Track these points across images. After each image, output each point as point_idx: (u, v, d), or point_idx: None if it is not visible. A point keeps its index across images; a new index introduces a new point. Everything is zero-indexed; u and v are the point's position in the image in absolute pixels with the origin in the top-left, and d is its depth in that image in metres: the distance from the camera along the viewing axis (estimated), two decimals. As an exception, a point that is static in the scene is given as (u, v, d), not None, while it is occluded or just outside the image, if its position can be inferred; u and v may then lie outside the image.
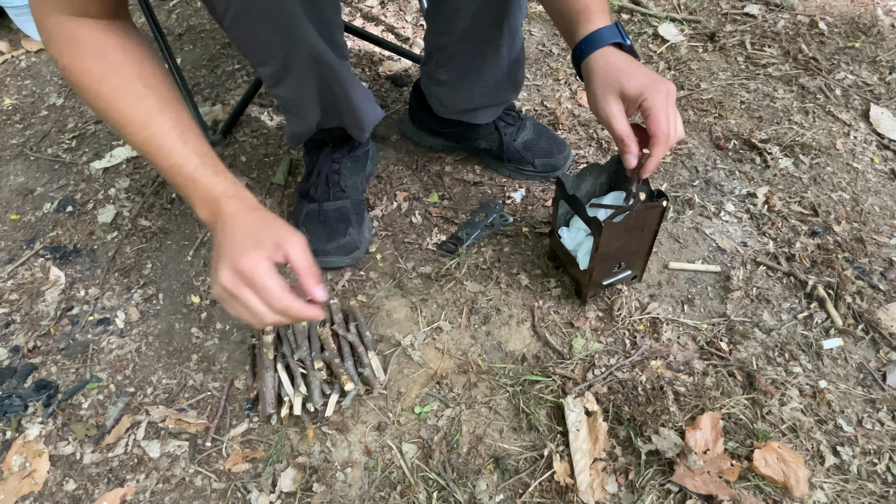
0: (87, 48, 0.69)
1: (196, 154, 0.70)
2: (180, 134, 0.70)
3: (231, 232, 0.68)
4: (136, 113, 0.69)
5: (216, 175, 0.70)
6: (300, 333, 0.96)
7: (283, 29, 0.77)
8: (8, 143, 1.40)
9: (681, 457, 0.82)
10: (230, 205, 0.69)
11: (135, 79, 0.70)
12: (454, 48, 1.03)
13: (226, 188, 0.70)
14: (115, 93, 0.69)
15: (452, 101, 1.13)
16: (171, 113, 0.71)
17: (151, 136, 0.69)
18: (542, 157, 1.20)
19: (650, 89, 0.76)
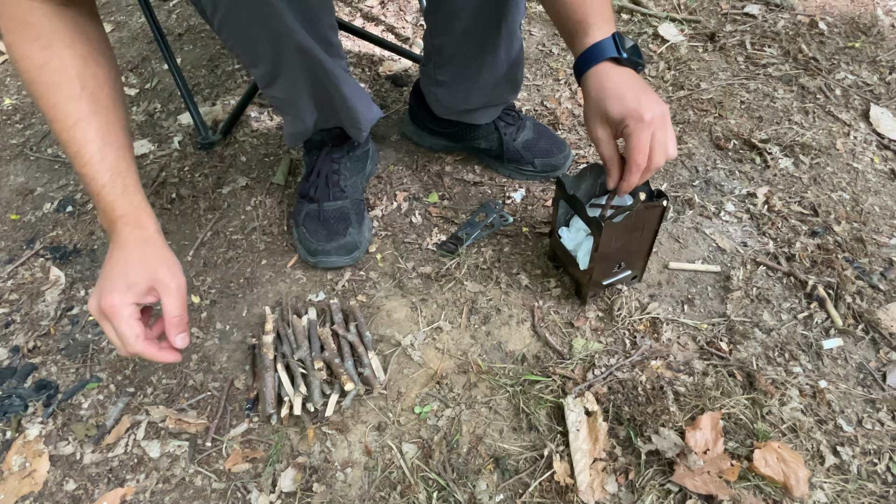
0: (35, 34, 0.69)
1: (109, 170, 0.72)
2: (101, 146, 0.71)
3: (113, 261, 0.72)
4: (65, 113, 0.70)
5: (122, 196, 0.72)
6: (300, 333, 0.96)
7: (270, 28, 0.77)
8: (8, 143, 1.40)
9: (681, 457, 0.82)
10: (125, 231, 0.72)
11: (73, 78, 0.71)
12: (453, 49, 1.03)
13: (126, 212, 0.72)
14: (50, 87, 0.70)
15: (451, 102, 1.13)
16: (98, 122, 0.72)
17: (72, 139, 0.71)
18: (542, 157, 1.20)
19: (630, 117, 0.77)
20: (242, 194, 1.25)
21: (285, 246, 1.15)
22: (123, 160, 0.73)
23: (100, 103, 0.72)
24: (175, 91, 1.50)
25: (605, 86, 0.79)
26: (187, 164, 1.32)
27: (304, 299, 1.06)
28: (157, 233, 0.76)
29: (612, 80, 0.78)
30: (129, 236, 0.73)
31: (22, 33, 0.69)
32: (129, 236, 0.73)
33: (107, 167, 0.71)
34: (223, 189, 1.26)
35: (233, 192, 1.25)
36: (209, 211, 1.22)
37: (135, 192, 0.74)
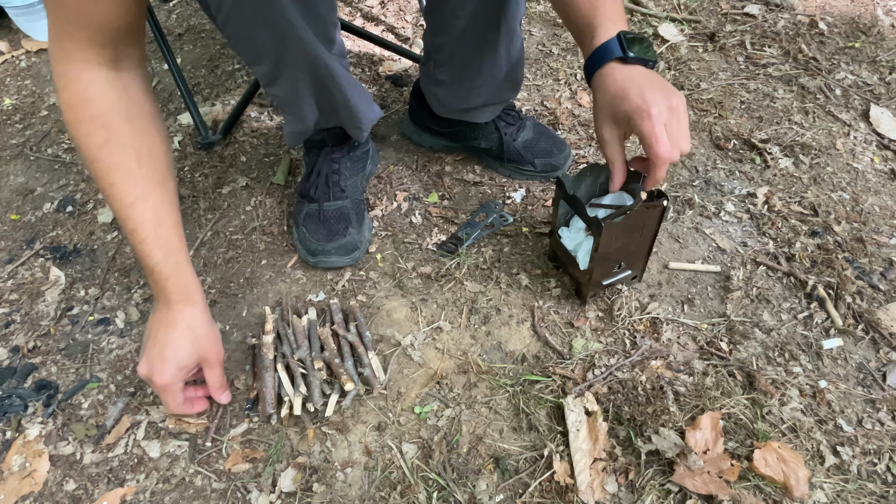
0: (95, 112, 0.73)
1: (163, 248, 0.79)
2: (156, 225, 0.78)
3: (165, 336, 0.81)
4: (124, 192, 0.76)
5: (174, 274, 0.80)
6: (300, 334, 0.96)
7: (274, 26, 0.77)
8: (8, 143, 1.40)
9: (681, 457, 0.82)
10: (177, 307, 0.81)
11: (132, 158, 0.76)
12: (452, 48, 1.03)
13: (178, 289, 0.81)
14: (110, 165, 0.75)
15: (451, 101, 1.13)
16: (154, 201, 0.78)
17: (129, 217, 0.77)
18: (543, 157, 1.20)
19: (637, 115, 0.75)
20: (242, 194, 1.25)
21: (285, 246, 1.15)
22: (176, 237, 0.80)
23: (155, 181, 0.78)
24: (175, 91, 1.50)
25: (612, 88, 0.78)
26: (187, 164, 1.32)
27: (304, 299, 1.06)
28: (205, 307, 0.85)
29: (616, 81, 0.78)
30: (181, 314, 0.81)
31: (82, 111, 0.73)
32: (181, 314, 0.81)
33: (161, 245, 0.78)
34: (223, 189, 1.26)
35: (233, 192, 1.25)
36: (209, 211, 1.22)
37: (186, 269, 0.82)
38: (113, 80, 0.74)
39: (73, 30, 0.70)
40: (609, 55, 0.78)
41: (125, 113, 0.75)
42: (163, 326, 0.82)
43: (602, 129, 0.81)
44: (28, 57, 1.65)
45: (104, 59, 0.73)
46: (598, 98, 0.80)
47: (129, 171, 0.76)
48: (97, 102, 0.73)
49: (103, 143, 0.74)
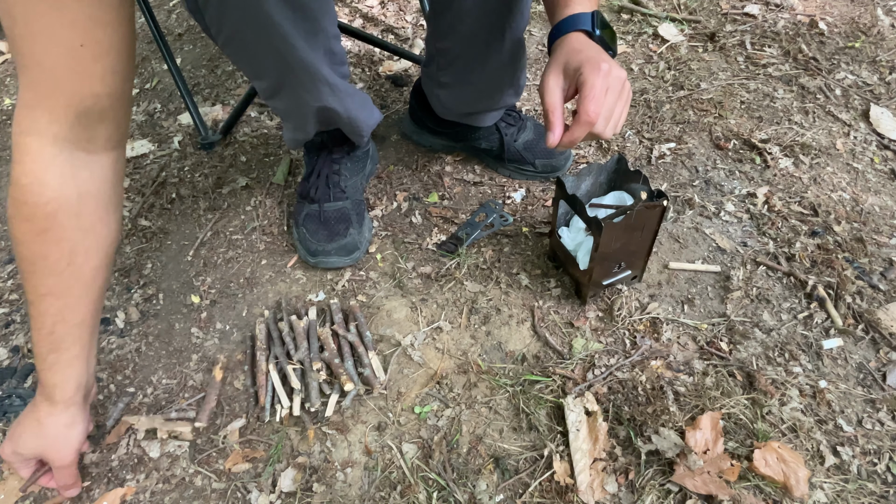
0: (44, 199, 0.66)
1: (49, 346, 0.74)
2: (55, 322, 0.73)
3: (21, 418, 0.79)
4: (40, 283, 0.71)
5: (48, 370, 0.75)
6: (300, 334, 0.96)
7: (276, 49, 0.77)
8: (8, 143, 1.40)
9: (681, 457, 0.82)
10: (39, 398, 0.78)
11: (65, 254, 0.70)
12: (456, 52, 1.03)
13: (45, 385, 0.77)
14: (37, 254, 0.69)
15: (454, 104, 1.13)
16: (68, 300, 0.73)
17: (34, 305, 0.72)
18: (543, 158, 1.20)
19: (589, 64, 0.72)
20: (242, 194, 1.25)
21: (285, 246, 1.15)
22: (70, 336, 0.75)
23: (79, 279, 0.73)
24: (175, 91, 1.50)
25: (571, 45, 0.76)
26: (187, 164, 1.32)
27: (304, 299, 1.06)
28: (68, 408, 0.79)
29: (579, 43, 0.76)
30: (39, 406, 0.78)
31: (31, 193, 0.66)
32: (39, 406, 0.78)
33: (50, 342, 0.74)
34: (223, 189, 1.26)
35: (233, 192, 1.25)
36: (209, 211, 1.22)
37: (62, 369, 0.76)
38: (75, 164, 0.67)
39: (47, 100, 0.63)
40: (577, 25, 0.77)
41: (76, 204, 0.69)
42: (27, 409, 0.80)
43: (547, 77, 0.76)
44: (28, 57, 1.65)
45: (74, 136, 0.66)
46: (555, 54, 0.77)
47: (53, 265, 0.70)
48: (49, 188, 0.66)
49: (39, 232, 0.68)
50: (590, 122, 0.72)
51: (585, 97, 0.71)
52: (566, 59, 0.75)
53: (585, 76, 0.72)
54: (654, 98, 1.40)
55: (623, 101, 0.74)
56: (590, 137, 0.75)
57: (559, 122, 0.75)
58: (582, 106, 0.72)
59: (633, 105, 1.39)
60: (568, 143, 0.75)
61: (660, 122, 1.34)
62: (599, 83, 0.71)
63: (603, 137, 0.75)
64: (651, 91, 1.42)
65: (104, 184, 0.72)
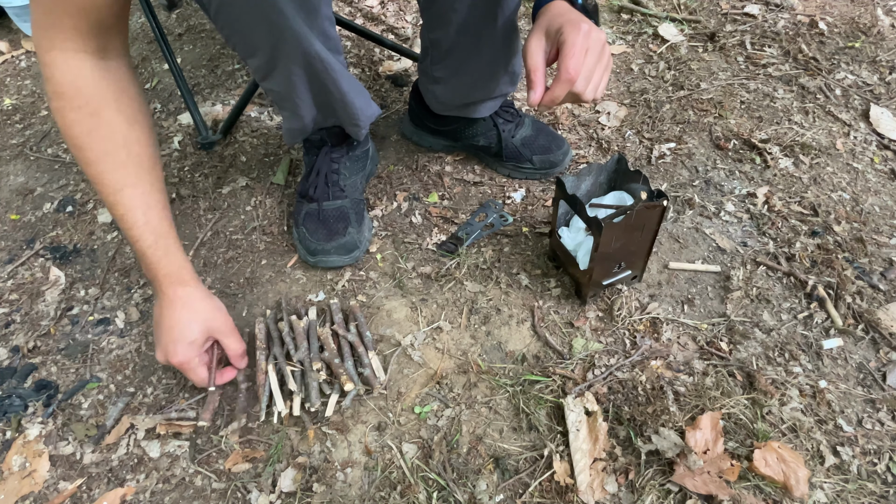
0: (84, 99, 0.73)
1: (152, 233, 0.80)
2: (145, 210, 0.78)
3: (169, 320, 0.83)
4: (112, 179, 0.77)
5: (165, 257, 0.81)
6: (300, 335, 0.96)
7: (266, 17, 0.76)
8: (8, 143, 1.40)
9: (681, 457, 0.82)
10: (170, 291, 0.82)
11: (121, 145, 0.76)
12: (449, 43, 1.03)
13: (170, 271, 0.82)
14: (98, 153, 0.75)
15: (450, 98, 1.13)
16: (143, 187, 0.79)
17: (118, 203, 0.77)
18: (541, 154, 1.20)
19: (570, 25, 0.73)
20: (242, 194, 1.25)
21: (285, 246, 1.15)
22: (165, 220, 0.81)
23: (143, 167, 0.78)
24: (175, 91, 1.50)
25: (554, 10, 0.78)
26: (187, 164, 1.32)
27: (304, 299, 1.06)
28: (199, 284, 0.86)
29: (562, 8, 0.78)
30: (175, 295, 0.82)
31: (71, 99, 0.73)
32: (175, 295, 0.82)
33: (150, 230, 0.79)
34: (223, 189, 1.26)
35: (233, 192, 1.25)
36: (209, 211, 1.22)
37: (176, 252, 0.82)
38: (101, 69, 0.74)
39: (58, 18, 0.69)
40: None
41: (114, 101, 0.75)
42: (164, 311, 0.83)
43: (530, 40, 0.77)
44: (28, 57, 1.65)
45: (90, 47, 0.72)
46: (538, 20, 0.79)
47: (117, 158, 0.76)
48: (85, 90, 0.73)
49: (91, 130, 0.74)
50: (570, 79, 0.73)
51: (565, 55, 0.73)
52: (548, 22, 0.77)
53: (566, 36, 0.73)
54: (654, 98, 1.40)
55: (603, 64, 0.76)
56: (571, 98, 0.76)
57: (540, 82, 0.76)
58: (562, 64, 0.73)
59: (633, 105, 1.39)
60: (549, 101, 0.76)
61: (660, 122, 1.34)
62: (580, 42, 0.73)
63: (584, 98, 0.76)
64: (651, 91, 1.42)
65: (130, 84, 0.78)
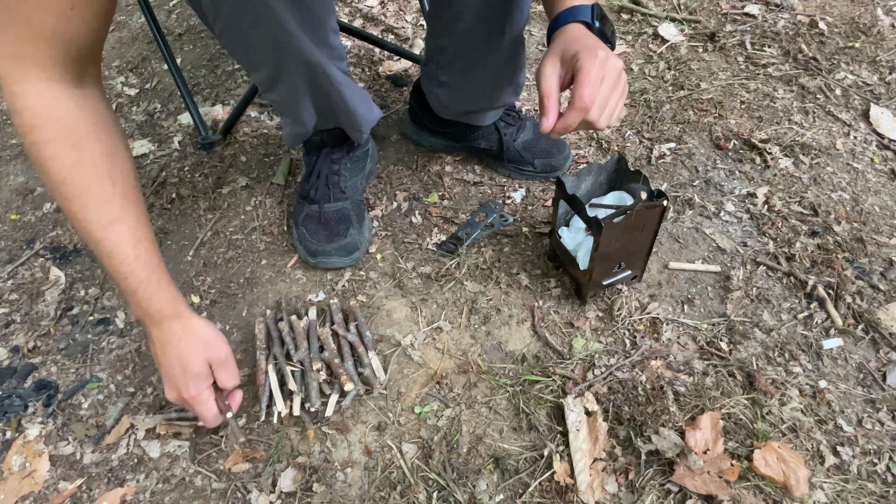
0: (64, 132, 0.68)
1: (144, 268, 0.75)
2: (135, 245, 0.74)
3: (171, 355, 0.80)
4: (98, 214, 0.72)
5: (158, 293, 0.77)
6: (300, 334, 0.96)
7: (272, 36, 0.77)
8: (8, 143, 1.40)
9: (681, 457, 0.82)
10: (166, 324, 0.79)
11: (105, 177, 0.72)
12: (456, 50, 1.03)
13: (162, 307, 0.78)
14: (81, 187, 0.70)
15: (454, 103, 1.13)
16: (130, 221, 0.74)
17: (105, 240, 0.73)
18: (542, 158, 1.20)
19: (586, 52, 0.71)
20: (242, 194, 1.25)
21: (285, 246, 1.15)
22: (155, 255, 0.77)
23: (128, 199, 0.75)
24: (175, 91, 1.50)
25: (570, 34, 0.76)
26: (187, 164, 1.32)
27: (304, 299, 1.06)
28: (193, 315, 0.82)
29: (578, 32, 0.76)
30: (171, 329, 0.79)
31: (48, 131, 0.67)
32: (171, 329, 0.79)
33: (142, 265, 0.75)
34: (223, 189, 1.26)
35: (233, 192, 1.25)
36: (209, 211, 1.22)
37: (168, 285, 0.79)
38: (78, 98, 0.69)
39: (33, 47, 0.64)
40: (577, 16, 0.78)
41: (94, 132, 0.71)
42: (164, 348, 0.80)
43: (544, 64, 0.76)
44: (28, 57, 1.65)
45: (66, 77, 0.68)
46: (553, 44, 0.78)
47: (103, 191, 0.71)
48: (64, 122, 0.68)
49: (74, 164, 0.69)
50: (584, 107, 0.71)
51: (581, 83, 0.71)
52: (564, 47, 0.75)
53: (582, 62, 0.71)
54: (654, 98, 1.40)
55: (619, 92, 0.74)
56: (584, 126, 0.75)
57: (554, 108, 0.75)
58: (577, 91, 0.71)
59: (633, 105, 1.39)
60: (562, 129, 0.74)
61: (660, 122, 1.34)
62: (596, 70, 0.70)
63: (597, 127, 0.74)
64: (651, 91, 1.42)
65: (106, 112, 0.74)
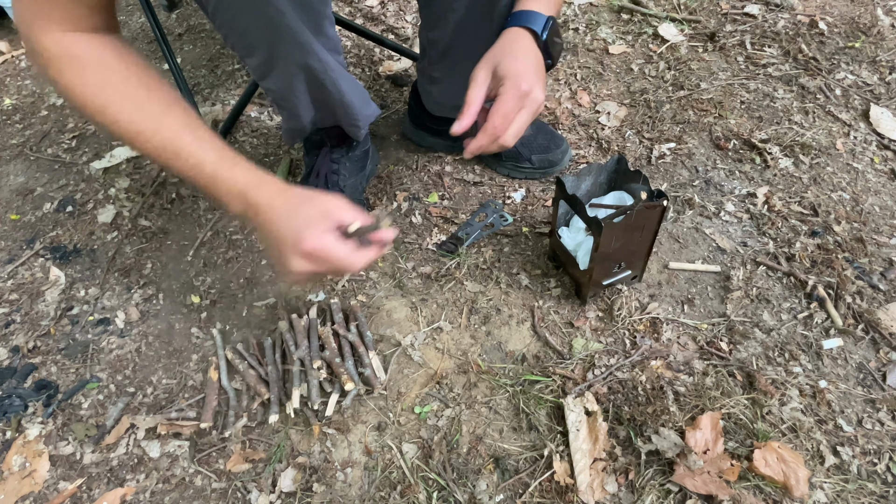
0: (86, 61, 0.68)
1: (212, 149, 0.70)
2: (192, 133, 0.69)
3: (276, 221, 0.69)
4: (145, 119, 0.69)
5: (235, 167, 0.70)
6: (300, 333, 0.96)
7: (264, 15, 0.76)
8: (8, 143, 1.40)
9: (681, 457, 0.82)
10: (259, 194, 0.70)
11: (137, 85, 0.70)
12: (447, 43, 1.03)
13: (248, 179, 0.70)
14: (120, 101, 0.68)
15: (447, 99, 1.13)
16: (178, 114, 0.70)
17: (165, 140, 0.69)
18: (540, 153, 1.20)
19: (513, 79, 0.76)
20: (242, 194, 1.24)
21: (285, 246, 1.15)
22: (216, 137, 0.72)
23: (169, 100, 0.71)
24: (175, 91, 1.50)
25: (512, 44, 0.79)
26: (187, 164, 1.32)
27: (304, 299, 1.06)
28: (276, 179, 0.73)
29: (522, 47, 0.79)
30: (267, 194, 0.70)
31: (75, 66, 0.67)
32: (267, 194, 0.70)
33: (209, 147, 0.70)
34: (223, 189, 1.26)
35: (233, 192, 1.25)
36: (209, 211, 1.22)
37: (243, 161, 0.72)
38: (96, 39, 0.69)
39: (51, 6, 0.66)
40: (529, 23, 0.80)
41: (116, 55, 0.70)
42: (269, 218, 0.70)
43: (477, 70, 0.79)
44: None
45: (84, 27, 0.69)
46: (495, 47, 0.80)
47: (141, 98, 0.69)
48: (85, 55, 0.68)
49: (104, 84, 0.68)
50: (494, 136, 0.77)
51: (495, 111, 0.76)
52: (500, 59, 0.78)
53: (506, 89, 0.76)
54: (654, 98, 1.40)
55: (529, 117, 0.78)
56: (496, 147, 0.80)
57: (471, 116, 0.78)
58: (491, 120, 0.76)
59: (633, 105, 1.39)
60: (475, 149, 0.79)
61: (660, 122, 1.34)
62: (515, 103, 0.76)
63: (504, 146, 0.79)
64: (651, 91, 1.42)
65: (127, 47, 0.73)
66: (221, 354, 0.98)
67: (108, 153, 1.35)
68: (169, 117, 0.69)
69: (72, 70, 0.68)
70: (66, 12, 0.66)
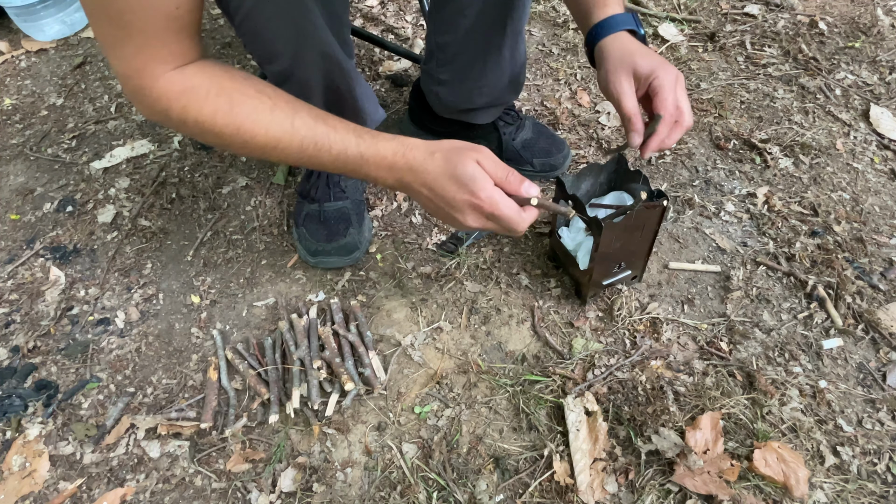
0: (205, 90, 0.68)
1: (349, 133, 0.70)
2: (325, 123, 0.70)
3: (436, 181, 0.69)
4: (279, 126, 0.69)
5: (377, 142, 0.70)
6: (300, 333, 0.96)
7: (295, 25, 0.76)
8: (8, 143, 1.40)
9: (681, 457, 0.82)
10: (409, 159, 0.70)
11: (256, 97, 0.69)
12: (457, 47, 1.03)
13: (394, 148, 0.70)
14: (251, 117, 0.68)
15: (453, 101, 1.13)
16: (303, 110, 0.71)
17: (304, 139, 0.69)
18: (541, 157, 1.20)
19: (661, 69, 0.77)
20: (242, 194, 1.25)
21: (285, 246, 1.15)
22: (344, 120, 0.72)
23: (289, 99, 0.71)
24: (175, 91, 1.50)
25: (629, 46, 0.79)
26: (187, 164, 1.32)
27: (304, 299, 1.06)
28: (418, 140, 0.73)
29: (634, 43, 0.80)
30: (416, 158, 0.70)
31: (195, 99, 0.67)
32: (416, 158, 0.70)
33: (345, 134, 0.70)
34: (223, 189, 1.26)
35: (233, 192, 1.25)
36: (209, 211, 1.22)
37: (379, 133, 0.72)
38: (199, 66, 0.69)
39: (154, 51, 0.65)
40: (622, 24, 0.81)
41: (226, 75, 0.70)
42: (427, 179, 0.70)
43: (618, 81, 0.78)
44: (28, 57, 1.65)
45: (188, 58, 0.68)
46: (615, 55, 0.79)
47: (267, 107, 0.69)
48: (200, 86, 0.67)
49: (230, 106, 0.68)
50: (689, 125, 0.79)
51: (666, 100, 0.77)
52: (633, 61, 0.78)
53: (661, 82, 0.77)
54: (654, 98, 1.40)
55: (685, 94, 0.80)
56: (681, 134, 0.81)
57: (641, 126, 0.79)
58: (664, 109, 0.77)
59: (633, 105, 1.39)
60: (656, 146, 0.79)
61: (660, 122, 1.34)
62: (675, 89, 0.77)
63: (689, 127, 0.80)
64: (651, 91, 1.42)
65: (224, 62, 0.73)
66: (221, 354, 0.98)
67: (108, 153, 1.34)
68: (298, 116, 0.70)
69: (196, 103, 0.67)
70: (173, 48, 0.66)
